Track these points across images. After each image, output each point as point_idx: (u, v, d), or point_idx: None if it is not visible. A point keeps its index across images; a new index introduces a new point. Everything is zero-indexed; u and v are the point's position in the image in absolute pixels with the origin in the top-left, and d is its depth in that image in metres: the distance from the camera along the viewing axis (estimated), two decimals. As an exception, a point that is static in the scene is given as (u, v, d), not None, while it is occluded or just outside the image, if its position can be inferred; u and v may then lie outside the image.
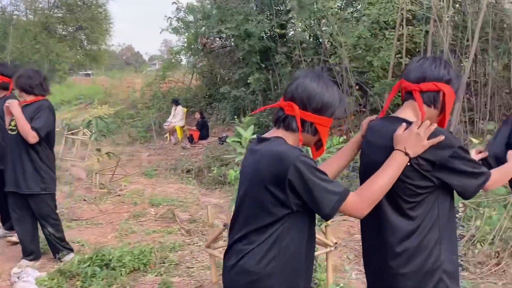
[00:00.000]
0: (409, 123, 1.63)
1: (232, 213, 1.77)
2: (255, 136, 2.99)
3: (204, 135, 11.31)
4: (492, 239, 4.04)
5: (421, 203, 1.64)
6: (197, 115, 11.58)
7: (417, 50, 8.07)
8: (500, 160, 2.00)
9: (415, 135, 1.58)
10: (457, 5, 6.91)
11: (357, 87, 8.07)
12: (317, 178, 1.53)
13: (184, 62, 14.12)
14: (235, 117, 9.80)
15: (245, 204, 1.67)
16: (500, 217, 4.16)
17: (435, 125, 1.60)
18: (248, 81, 9.39)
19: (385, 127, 1.73)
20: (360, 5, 9.02)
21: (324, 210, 1.54)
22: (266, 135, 1.71)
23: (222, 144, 10.21)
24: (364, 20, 8.43)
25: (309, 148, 1.84)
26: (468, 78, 6.59)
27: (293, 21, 8.98)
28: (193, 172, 8.57)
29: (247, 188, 1.67)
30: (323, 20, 8.53)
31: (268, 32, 9.46)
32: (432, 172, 1.60)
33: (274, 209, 1.57)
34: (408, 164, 1.59)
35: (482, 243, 4.03)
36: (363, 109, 8.43)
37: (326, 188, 1.53)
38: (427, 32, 7.15)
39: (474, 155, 2.02)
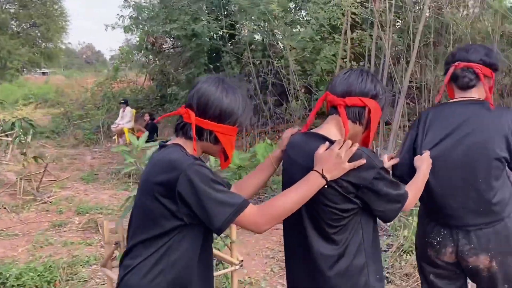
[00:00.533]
0: (331, 142, 1.53)
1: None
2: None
3: (152, 138, 10.93)
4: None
5: (346, 226, 1.57)
6: (146, 117, 11.20)
7: (369, 54, 7.97)
8: (409, 166, 1.98)
9: (335, 156, 1.48)
10: (400, 10, 6.85)
11: (302, 90, 7.93)
12: (211, 188, 1.42)
13: (135, 61, 13.60)
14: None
15: (135, 215, 1.57)
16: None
17: (357, 146, 1.50)
18: (195, 80, 9.12)
19: (308, 144, 1.63)
20: (308, 8, 8.91)
21: (216, 224, 1.42)
22: (168, 142, 1.60)
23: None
24: (313, 23, 8.32)
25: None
26: (410, 82, 6.54)
27: (243, 22, 8.75)
28: (135, 177, 8.20)
29: (138, 198, 1.56)
30: (272, 23, 8.33)
31: (218, 33, 9.19)
32: (357, 194, 1.53)
33: (163, 221, 1.45)
34: (325, 186, 1.50)
35: (410, 254, 3.92)
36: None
37: (221, 199, 1.42)
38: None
39: (386, 161, 1.96)
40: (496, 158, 1.90)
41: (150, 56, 11.72)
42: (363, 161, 1.48)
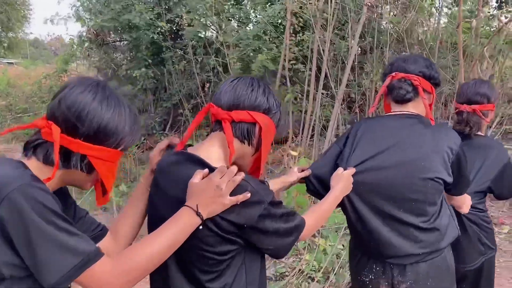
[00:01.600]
0: (211, 169, 1.22)
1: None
2: None
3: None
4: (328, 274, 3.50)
5: (225, 271, 1.26)
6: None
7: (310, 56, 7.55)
8: (324, 182, 1.77)
9: (214, 187, 1.16)
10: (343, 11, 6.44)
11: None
12: (51, 224, 1.01)
13: (82, 54, 12.88)
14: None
15: None
16: (333, 249, 3.62)
17: (242, 175, 1.20)
18: (134, 74, 8.54)
19: (180, 168, 1.28)
20: (252, 8, 8.50)
21: (48, 279, 1.01)
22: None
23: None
24: (257, 22, 7.90)
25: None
26: (346, 88, 6.14)
27: (181, 15, 8.21)
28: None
29: None
30: (208, 16, 7.83)
31: (158, 26, 8.63)
32: (238, 234, 1.23)
33: None
34: (201, 227, 1.18)
35: (309, 281, 3.47)
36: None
37: (62, 243, 1.02)
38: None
39: (296, 172, 1.82)
40: (433, 179, 1.68)
41: (94, 49, 11.05)
42: (248, 195, 1.19)
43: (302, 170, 1.85)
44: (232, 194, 1.18)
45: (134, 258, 1.10)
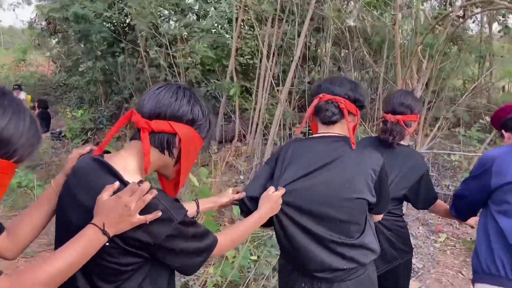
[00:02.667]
0: (123, 183, 1.19)
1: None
2: None
3: (44, 129, 9.84)
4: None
5: (127, 281, 1.24)
6: (36, 105, 10.10)
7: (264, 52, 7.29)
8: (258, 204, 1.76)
9: (123, 206, 1.13)
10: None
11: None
12: None
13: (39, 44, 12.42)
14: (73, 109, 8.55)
15: None
16: (240, 261, 3.36)
17: (153, 193, 1.17)
18: (80, 69, 8.16)
19: (93, 178, 1.25)
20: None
21: None
22: None
23: (58, 140, 8.87)
24: (212, 15, 7.60)
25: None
26: (291, 86, 5.87)
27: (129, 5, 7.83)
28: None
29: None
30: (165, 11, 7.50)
31: (110, 18, 8.24)
32: (143, 249, 1.20)
33: None
34: (107, 244, 1.15)
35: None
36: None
37: None
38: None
39: (230, 194, 1.86)
40: (357, 199, 1.74)
41: (47, 38, 10.62)
42: (158, 214, 1.17)
43: (237, 192, 1.86)
44: (143, 212, 1.15)
45: (36, 276, 1.05)
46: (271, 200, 1.70)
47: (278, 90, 5.76)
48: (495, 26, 9.65)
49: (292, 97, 6.80)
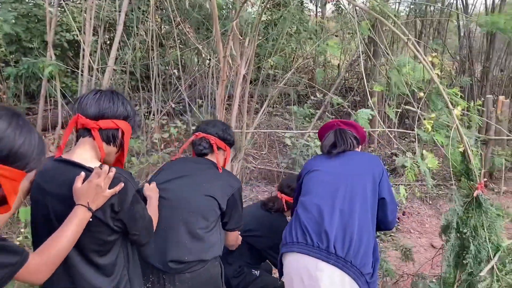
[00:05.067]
0: (87, 171, 1.60)
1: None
2: None
3: None
4: None
5: (111, 251, 1.68)
6: None
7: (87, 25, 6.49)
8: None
9: (95, 186, 1.55)
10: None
11: None
12: None
13: None
14: None
15: None
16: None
17: (114, 171, 1.60)
18: None
19: (62, 174, 1.63)
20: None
21: None
22: None
23: None
24: None
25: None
26: (114, 66, 5.29)
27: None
28: None
29: None
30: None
31: None
32: (116, 217, 1.63)
33: None
34: (91, 219, 1.56)
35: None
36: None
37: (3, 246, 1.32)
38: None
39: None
40: (210, 196, 2.26)
41: None
42: (121, 185, 1.61)
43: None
44: (110, 186, 1.58)
45: (52, 251, 1.47)
46: (153, 190, 2.20)
47: (98, 70, 5.16)
48: (329, 7, 10.17)
49: (126, 77, 6.24)
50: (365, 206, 2.27)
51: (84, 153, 1.65)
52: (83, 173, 1.56)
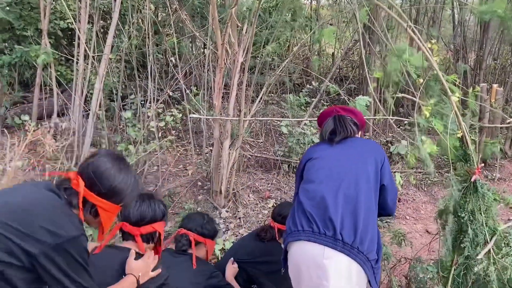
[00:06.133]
0: (139, 254, 2.01)
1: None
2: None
3: None
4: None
5: None
6: None
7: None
8: None
9: (147, 265, 1.95)
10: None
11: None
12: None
13: None
14: None
15: None
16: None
17: (157, 258, 2.06)
18: None
19: (113, 255, 2.00)
20: None
21: None
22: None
23: None
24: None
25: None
26: (110, 54, 5.26)
27: None
28: None
29: None
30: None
31: None
32: None
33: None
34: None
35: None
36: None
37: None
38: None
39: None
40: None
41: None
42: (159, 271, 2.04)
43: None
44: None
45: None
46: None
47: (94, 58, 5.13)
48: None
49: (121, 66, 6.20)
50: (369, 193, 2.26)
51: (130, 245, 2.09)
52: (133, 250, 1.97)
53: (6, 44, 6.59)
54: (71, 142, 5.17)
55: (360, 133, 2.73)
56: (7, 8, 6.24)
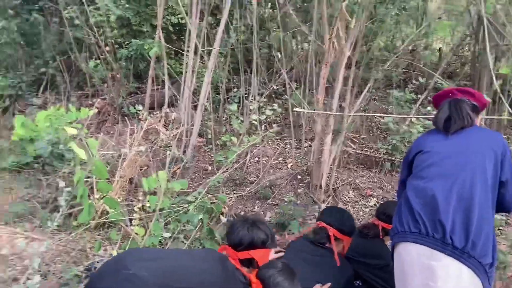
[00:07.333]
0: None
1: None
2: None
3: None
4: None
5: None
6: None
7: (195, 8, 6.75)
8: None
9: None
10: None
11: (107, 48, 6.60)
12: None
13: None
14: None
15: None
16: (155, 239, 3.09)
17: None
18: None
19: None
20: None
21: None
22: None
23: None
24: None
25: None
26: (219, 48, 5.49)
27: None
28: None
29: None
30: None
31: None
32: None
33: None
34: None
35: None
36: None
37: None
38: None
39: None
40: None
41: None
42: None
43: None
44: None
45: None
46: None
47: (204, 52, 5.38)
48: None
49: (227, 60, 6.44)
50: (486, 192, 2.09)
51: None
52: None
53: (123, 38, 7.15)
54: (181, 131, 5.49)
55: (479, 117, 2.50)
56: (127, 5, 6.75)
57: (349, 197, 4.94)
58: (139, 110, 5.85)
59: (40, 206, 4.09)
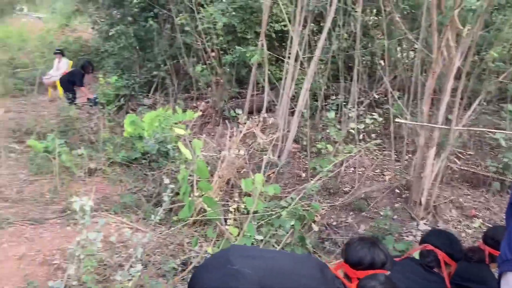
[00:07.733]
0: None
1: None
2: None
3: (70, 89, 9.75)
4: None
5: None
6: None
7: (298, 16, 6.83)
8: None
9: None
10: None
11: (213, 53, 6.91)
12: None
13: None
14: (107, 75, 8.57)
15: None
16: (248, 240, 3.17)
17: None
18: (109, 33, 8.11)
19: None
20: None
21: None
22: None
23: (94, 106, 8.92)
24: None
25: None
26: (320, 55, 5.49)
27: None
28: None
29: None
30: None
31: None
32: None
33: None
34: None
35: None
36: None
37: None
38: None
39: None
40: None
41: (91, 5, 10.60)
42: None
43: None
44: None
45: None
46: None
47: (304, 59, 5.41)
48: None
49: (327, 67, 6.41)
50: None
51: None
52: None
53: (228, 45, 7.43)
54: (277, 137, 5.57)
55: None
56: (233, 13, 7.01)
57: (451, 216, 4.62)
58: (238, 114, 6.04)
59: (145, 199, 4.40)
